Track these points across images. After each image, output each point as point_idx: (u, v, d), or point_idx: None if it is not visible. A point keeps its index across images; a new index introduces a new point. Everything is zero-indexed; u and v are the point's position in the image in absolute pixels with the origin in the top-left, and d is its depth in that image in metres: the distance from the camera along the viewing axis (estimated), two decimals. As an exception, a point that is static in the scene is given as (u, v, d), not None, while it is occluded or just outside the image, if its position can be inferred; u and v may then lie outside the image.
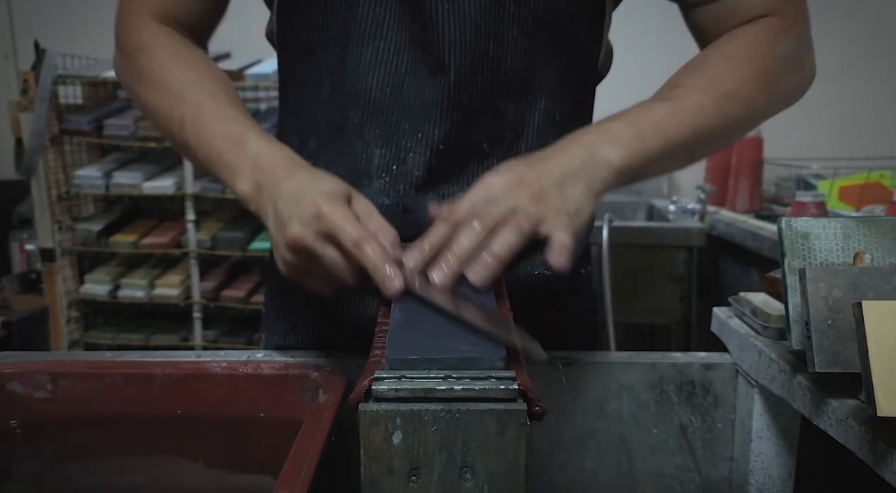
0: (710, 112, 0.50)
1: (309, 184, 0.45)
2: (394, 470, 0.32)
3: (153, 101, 0.55)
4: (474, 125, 0.56)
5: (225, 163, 0.49)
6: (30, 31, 2.07)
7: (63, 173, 1.90)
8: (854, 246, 0.42)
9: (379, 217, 0.45)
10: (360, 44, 0.55)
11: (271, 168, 0.47)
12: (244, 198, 0.48)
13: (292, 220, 0.43)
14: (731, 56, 0.53)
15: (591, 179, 0.45)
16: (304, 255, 0.44)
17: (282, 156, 0.48)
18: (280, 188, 0.45)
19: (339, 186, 0.45)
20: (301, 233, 0.43)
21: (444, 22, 0.53)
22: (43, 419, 0.50)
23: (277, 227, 0.45)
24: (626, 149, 0.47)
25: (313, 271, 0.45)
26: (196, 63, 0.56)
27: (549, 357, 0.37)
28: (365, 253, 0.42)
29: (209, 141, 0.50)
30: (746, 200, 1.67)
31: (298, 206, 0.43)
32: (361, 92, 0.56)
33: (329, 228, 0.42)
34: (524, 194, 0.43)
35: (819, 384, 0.41)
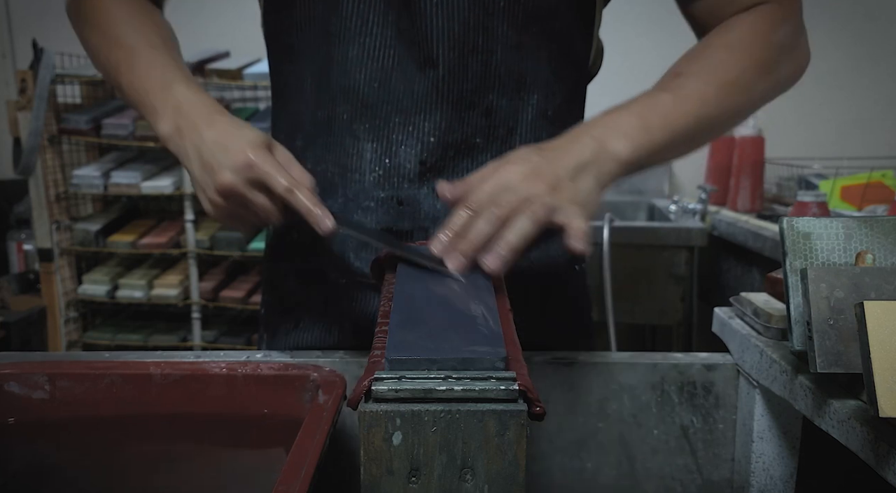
0: (713, 101, 0.51)
1: (233, 132, 0.48)
2: (393, 471, 0.32)
3: (94, 42, 0.58)
4: (466, 120, 0.57)
5: (149, 104, 0.52)
6: (27, 29, 2.06)
7: (61, 173, 1.90)
8: (856, 246, 0.42)
9: (298, 165, 0.49)
10: (346, 41, 0.55)
11: (191, 113, 0.50)
12: (164, 137, 0.51)
13: (222, 168, 0.47)
14: (732, 44, 0.54)
15: (600, 171, 0.47)
16: (234, 200, 0.48)
17: (202, 102, 0.51)
18: (203, 134, 0.49)
19: (261, 134, 0.49)
20: (233, 180, 0.47)
21: (432, 15, 0.53)
22: (41, 420, 0.49)
23: (205, 172, 0.48)
24: (633, 142, 0.48)
25: (240, 214, 0.49)
26: (138, 11, 0.58)
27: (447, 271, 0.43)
28: (297, 198, 0.47)
29: (139, 84, 0.53)
30: (748, 199, 1.67)
31: (227, 154, 0.47)
32: (349, 88, 0.56)
33: (259, 176, 0.47)
34: (540, 184, 0.44)
35: (821, 385, 0.40)
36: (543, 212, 0.44)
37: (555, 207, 0.44)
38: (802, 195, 1.34)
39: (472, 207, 0.45)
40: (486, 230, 0.44)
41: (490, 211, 0.44)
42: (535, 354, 0.54)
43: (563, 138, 0.48)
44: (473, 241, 0.44)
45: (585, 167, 0.46)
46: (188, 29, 2.11)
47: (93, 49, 0.59)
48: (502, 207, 0.44)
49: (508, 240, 0.43)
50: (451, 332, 0.37)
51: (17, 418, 0.49)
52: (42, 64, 1.76)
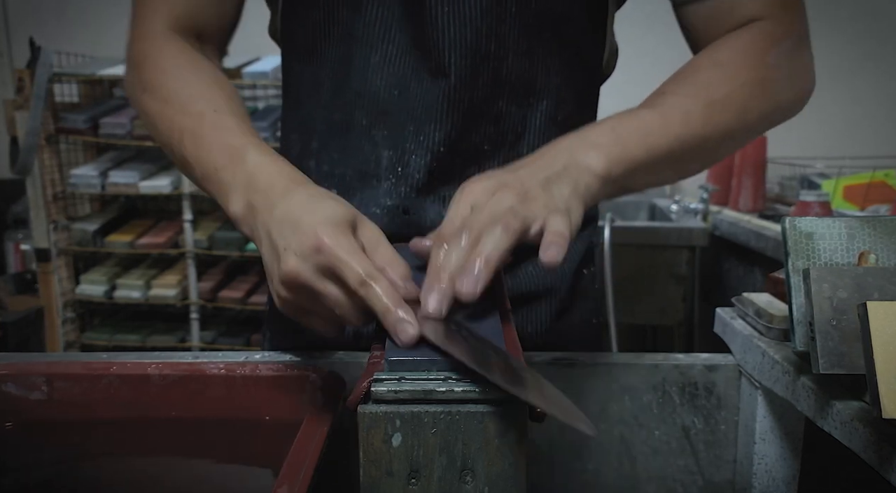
0: (699, 120, 0.48)
1: (308, 207, 0.39)
2: (393, 473, 0.32)
3: (154, 111, 0.52)
4: (475, 128, 0.56)
5: (220, 180, 0.45)
6: (25, 28, 2.06)
7: (59, 172, 1.89)
8: (859, 246, 0.42)
9: (388, 247, 0.40)
10: (368, 46, 0.54)
11: (267, 186, 0.42)
12: (236, 219, 0.44)
13: (288, 252, 0.38)
14: (722, 62, 0.51)
15: (575, 181, 0.43)
16: (303, 291, 0.39)
17: (280, 172, 0.43)
18: (274, 211, 0.40)
19: (342, 210, 0.39)
20: (298, 268, 0.38)
21: (445, 24, 0.53)
22: (38, 421, 0.49)
23: (272, 258, 0.40)
24: (606, 154, 0.44)
25: (313, 309, 0.40)
26: (201, 74, 0.53)
27: (593, 431, 0.32)
28: (373, 293, 0.36)
29: (206, 156, 0.46)
30: (750, 199, 1.67)
31: (296, 234, 0.38)
32: (369, 94, 0.55)
33: (331, 263, 0.37)
34: (509, 194, 0.39)
35: (823, 386, 0.40)
36: (517, 221, 0.38)
37: (530, 216, 0.39)
38: (805, 195, 1.34)
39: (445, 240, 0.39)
40: (458, 257, 0.37)
41: (459, 236, 0.38)
42: (535, 354, 0.54)
43: (531, 155, 0.45)
44: (447, 271, 0.37)
45: (557, 177, 0.42)
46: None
47: (152, 121, 0.52)
48: (472, 228, 0.38)
49: (481, 255, 0.37)
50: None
51: (14, 419, 0.49)
52: (39, 63, 1.76)
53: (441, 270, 0.37)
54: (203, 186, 0.48)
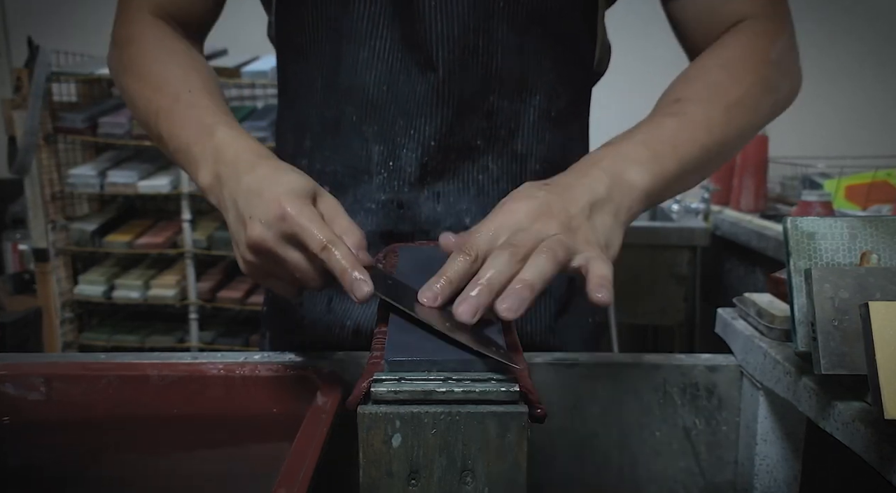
0: (720, 125, 0.48)
1: (272, 179, 0.42)
2: (393, 473, 0.32)
3: (134, 91, 0.55)
4: (467, 122, 0.56)
5: (191, 154, 0.48)
6: (23, 27, 2.05)
7: (57, 172, 1.89)
8: (861, 246, 0.42)
9: (345, 217, 0.43)
10: (356, 43, 0.55)
11: (233, 159, 0.45)
12: (204, 189, 0.47)
13: (254, 220, 0.41)
14: (729, 64, 0.51)
15: (618, 207, 0.43)
16: (267, 256, 0.42)
17: (246, 147, 0.46)
18: (240, 182, 0.43)
19: (304, 182, 0.43)
20: (263, 235, 0.41)
21: (432, 18, 0.53)
22: (37, 422, 0.49)
23: (238, 225, 0.43)
24: (649, 171, 0.44)
25: (275, 273, 0.43)
26: (180, 56, 0.55)
27: None
28: (332, 256, 0.39)
29: (179, 131, 0.49)
30: (751, 199, 1.67)
31: (261, 204, 0.41)
32: (358, 90, 0.56)
33: (294, 231, 0.40)
34: (553, 223, 0.40)
35: (825, 387, 0.40)
36: (563, 251, 0.38)
37: (573, 249, 0.39)
38: (806, 195, 1.33)
39: (469, 252, 0.38)
40: (501, 273, 0.37)
41: (502, 251, 0.38)
42: (535, 355, 0.54)
43: (571, 173, 0.44)
44: (489, 285, 0.37)
45: (601, 203, 0.42)
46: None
47: (132, 99, 0.55)
48: (518, 248, 0.38)
49: (526, 280, 0.36)
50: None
51: (12, 419, 0.49)
52: (38, 62, 1.75)
53: (479, 279, 0.37)
54: (175, 159, 0.51)
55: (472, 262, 0.39)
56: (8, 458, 0.48)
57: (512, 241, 0.39)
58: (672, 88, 0.52)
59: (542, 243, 0.38)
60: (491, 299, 0.37)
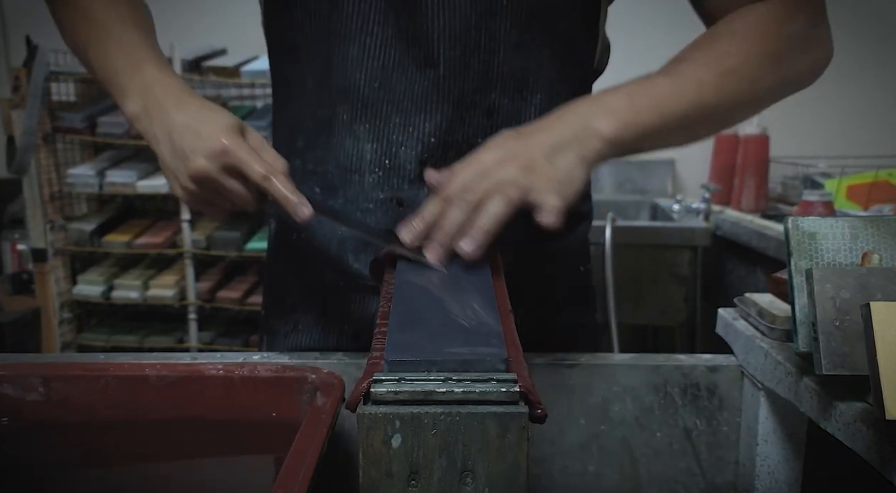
0: (712, 88, 0.50)
1: (205, 116, 0.47)
2: (393, 474, 0.32)
3: (65, 18, 0.57)
4: (467, 120, 0.56)
5: (118, 83, 0.52)
6: (22, 26, 2.05)
7: (55, 172, 1.89)
8: (862, 246, 0.42)
9: (270, 149, 0.49)
10: (346, 41, 0.55)
11: (160, 94, 0.49)
12: (131, 117, 0.51)
13: (195, 153, 0.46)
14: (738, 33, 0.52)
15: (583, 148, 0.46)
16: (208, 186, 0.47)
17: (172, 84, 0.50)
18: (172, 117, 0.48)
19: (233, 119, 0.48)
20: (206, 166, 0.46)
21: (434, 14, 0.53)
22: (35, 422, 0.49)
23: (176, 157, 0.48)
24: (620, 120, 0.47)
25: (213, 200, 0.49)
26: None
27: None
28: (273, 185, 0.46)
29: (109, 62, 0.53)
30: (752, 199, 1.66)
31: (200, 139, 0.46)
32: (349, 88, 0.56)
33: (234, 162, 0.46)
34: (513, 167, 0.44)
35: (826, 387, 0.40)
36: (516, 193, 0.44)
37: (529, 188, 0.44)
38: (807, 195, 1.32)
39: (445, 196, 0.45)
40: (458, 217, 0.44)
41: (462, 198, 0.44)
42: (536, 355, 0.54)
43: (548, 118, 0.48)
44: (447, 229, 0.44)
45: (565, 145, 0.46)
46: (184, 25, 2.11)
47: (64, 26, 0.58)
48: (474, 193, 0.44)
49: (481, 224, 0.44)
50: (451, 333, 0.36)
51: (11, 420, 0.49)
52: (36, 61, 1.75)
53: (442, 226, 0.45)
54: (104, 86, 0.54)
55: (444, 205, 0.45)
56: (6, 459, 0.48)
57: (469, 187, 0.44)
58: (680, 51, 0.54)
59: (497, 187, 0.44)
60: (448, 242, 0.44)
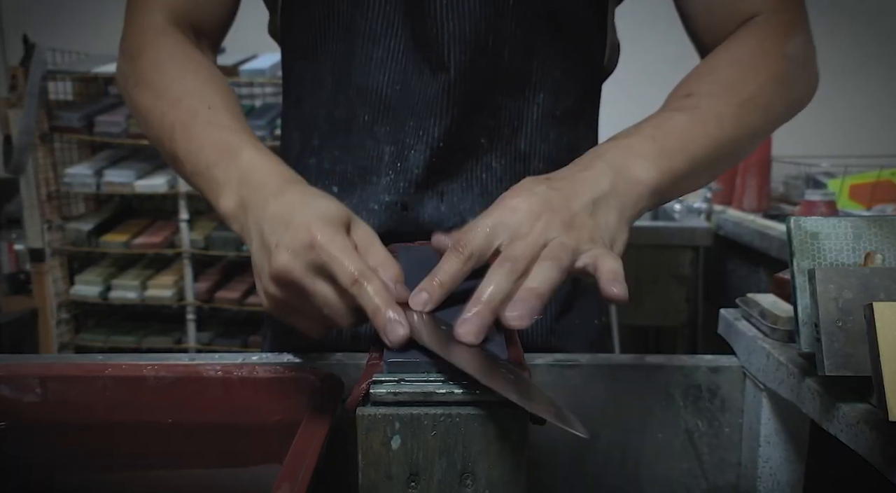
0: (731, 122, 0.46)
1: (302, 205, 0.39)
2: (392, 476, 0.32)
3: (146, 105, 0.50)
4: (474, 121, 0.56)
5: (211, 176, 0.44)
6: (19, 25, 2.04)
7: (53, 171, 1.88)
8: (865, 246, 0.41)
9: (381, 248, 0.39)
10: (370, 41, 0.54)
11: (260, 184, 0.41)
12: (226, 215, 0.43)
13: (279, 247, 0.37)
14: (743, 60, 0.50)
15: (622, 204, 0.41)
16: (293, 289, 0.38)
17: (275, 171, 0.42)
18: (267, 208, 0.39)
19: (336, 209, 0.39)
20: (289, 264, 0.37)
21: (444, 18, 0.52)
22: (33, 423, 0.48)
23: (262, 254, 0.39)
24: (656, 166, 0.42)
25: (302, 309, 0.39)
26: (196, 68, 0.52)
27: (586, 434, 0.32)
28: (364, 292, 0.36)
29: (198, 151, 0.45)
30: (754, 198, 1.66)
31: (288, 231, 0.37)
32: (371, 90, 0.55)
33: (323, 261, 0.36)
34: (554, 222, 0.38)
35: (829, 388, 0.40)
36: (567, 255, 0.36)
37: (577, 250, 0.37)
38: (810, 194, 1.32)
39: (463, 251, 0.37)
40: (503, 288, 0.35)
41: (502, 263, 0.36)
42: (536, 356, 0.53)
43: (574, 166, 0.42)
44: (492, 302, 0.35)
45: (605, 199, 0.40)
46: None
47: (144, 113, 0.51)
48: (517, 258, 0.36)
49: (534, 288, 0.35)
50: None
51: (8, 421, 0.48)
52: (33, 60, 1.74)
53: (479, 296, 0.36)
54: (193, 182, 0.47)
55: (465, 261, 0.37)
56: (2, 460, 0.48)
57: (511, 253, 0.37)
58: (683, 83, 0.50)
59: (545, 250, 0.37)
60: (492, 317, 0.35)
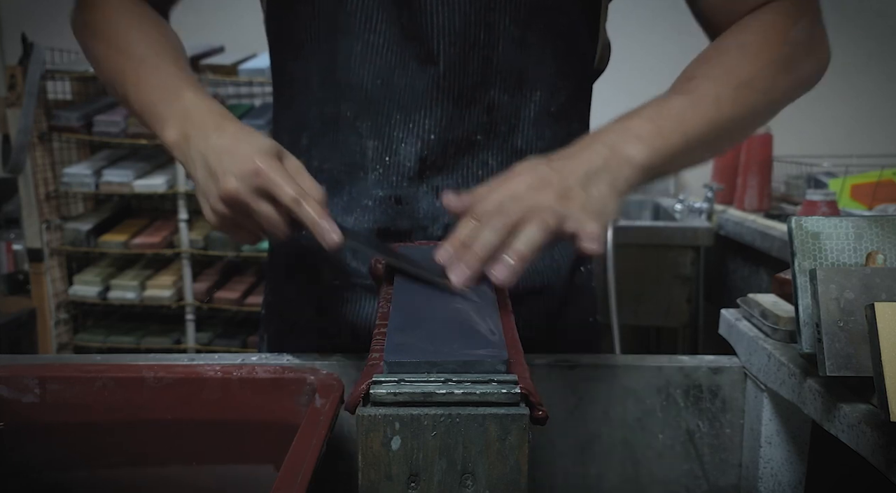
0: (729, 103, 0.49)
1: (242, 139, 0.47)
2: (392, 477, 0.32)
3: (99, 53, 0.57)
4: (467, 116, 0.56)
5: (156, 113, 0.51)
6: (17, 24, 2.04)
7: (51, 171, 1.88)
8: (866, 246, 0.41)
9: (308, 176, 0.47)
10: (351, 37, 0.55)
11: (201, 121, 0.49)
12: (170, 145, 0.50)
13: (227, 174, 0.45)
14: (746, 44, 0.52)
15: (614, 177, 0.45)
16: (238, 208, 0.46)
17: (212, 110, 0.50)
18: (209, 141, 0.47)
19: (271, 143, 0.47)
20: (237, 188, 0.45)
21: (433, 10, 0.53)
22: (31, 424, 0.48)
23: (209, 179, 0.47)
24: (648, 146, 0.46)
25: (243, 223, 0.48)
26: (144, 20, 0.58)
27: None
28: (304, 209, 0.44)
29: (145, 92, 0.52)
30: (756, 198, 1.65)
31: (234, 160, 0.45)
32: (353, 85, 0.56)
33: (266, 185, 0.45)
34: (549, 193, 0.43)
35: (830, 389, 0.40)
36: (553, 219, 0.42)
37: (566, 216, 0.42)
38: (811, 194, 1.31)
39: (477, 217, 0.43)
40: (492, 240, 0.42)
41: (496, 220, 0.42)
42: (536, 356, 0.53)
43: (573, 147, 0.47)
44: (479, 252, 0.42)
45: (597, 174, 0.45)
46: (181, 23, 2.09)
47: (96, 60, 0.58)
48: (509, 216, 0.42)
49: (517, 248, 0.42)
50: (451, 334, 0.36)
51: (6, 422, 0.48)
52: (32, 59, 1.74)
53: (472, 248, 0.42)
54: (139, 118, 0.54)
55: (477, 226, 0.43)
56: (1, 461, 0.48)
57: (503, 210, 0.42)
58: (689, 67, 0.53)
59: (535, 213, 0.42)
60: (480, 267, 0.42)
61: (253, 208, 0.45)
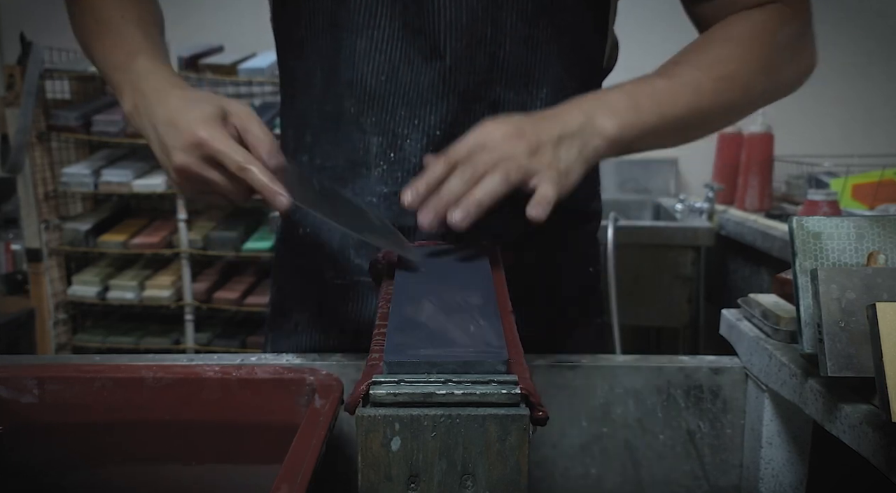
0: (708, 92, 0.51)
1: (183, 110, 0.47)
2: (392, 477, 0.31)
3: (76, 17, 0.58)
4: (473, 113, 0.56)
5: (114, 81, 0.53)
6: (16, 23, 2.03)
7: (50, 171, 1.88)
8: (868, 246, 0.41)
9: (256, 124, 0.47)
10: (353, 33, 0.55)
11: (147, 91, 0.49)
12: (127, 115, 0.52)
13: (175, 149, 0.46)
14: (734, 39, 0.54)
15: (584, 144, 0.47)
16: (194, 178, 0.47)
17: (160, 76, 0.50)
18: (156, 113, 0.48)
19: (211, 106, 0.47)
20: (185, 161, 0.46)
21: (441, 6, 0.53)
22: (30, 425, 0.48)
23: (161, 153, 0.48)
24: (621, 120, 0.48)
25: (207, 190, 0.48)
26: None
27: None
28: (251, 176, 0.45)
29: (108, 58, 0.54)
30: (756, 198, 1.65)
31: (178, 134, 0.46)
32: (356, 81, 0.56)
33: (212, 154, 0.46)
34: (521, 146, 0.45)
35: (831, 389, 0.40)
36: (517, 173, 0.44)
37: (530, 171, 0.44)
38: (812, 194, 1.31)
39: (449, 162, 0.45)
40: (457, 187, 0.44)
41: (464, 168, 0.44)
42: (537, 356, 0.53)
43: (554, 109, 0.49)
44: (444, 197, 0.44)
45: (570, 137, 0.46)
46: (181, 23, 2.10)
47: (75, 23, 0.59)
48: (477, 165, 0.44)
49: (476, 196, 0.44)
50: (451, 334, 0.36)
51: (5, 422, 0.48)
52: (30, 59, 1.74)
53: (440, 193, 0.45)
54: (109, 85, 0.55)
55: (447, 167, 0.45)
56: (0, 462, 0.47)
57: (473, 159, 0.44)
58: (677, 54, 0.55)
59: (499, 165, 0.44)
60: (444, 211, 0.44)
61: (206, 178, 0.46)
